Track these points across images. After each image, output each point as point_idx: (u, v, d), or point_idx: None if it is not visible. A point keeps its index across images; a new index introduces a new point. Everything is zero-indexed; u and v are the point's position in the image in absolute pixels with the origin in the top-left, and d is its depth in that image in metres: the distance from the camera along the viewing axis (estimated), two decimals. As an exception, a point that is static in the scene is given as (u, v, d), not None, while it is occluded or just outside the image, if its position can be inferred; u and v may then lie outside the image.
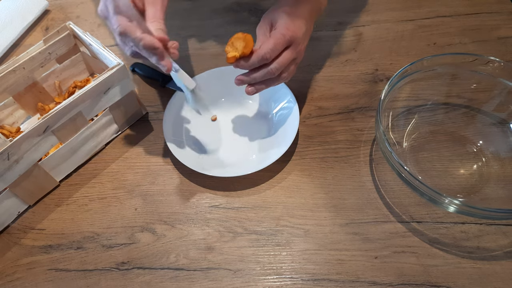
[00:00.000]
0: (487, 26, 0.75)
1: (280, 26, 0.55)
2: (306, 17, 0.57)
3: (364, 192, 0.59)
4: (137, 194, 0.62)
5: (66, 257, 0.58)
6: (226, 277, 0.54)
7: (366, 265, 0.54)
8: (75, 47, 0.69)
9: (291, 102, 0.65)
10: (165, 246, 0.57)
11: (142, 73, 0.74)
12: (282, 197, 0.60)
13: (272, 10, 0.57)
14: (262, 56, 0.53)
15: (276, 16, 0.56)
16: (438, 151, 0.61)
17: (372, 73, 0.71)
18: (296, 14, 0.56)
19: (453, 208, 0.51)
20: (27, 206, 0.62)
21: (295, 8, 0.56)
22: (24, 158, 0.56)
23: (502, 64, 0.58)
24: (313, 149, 0.64)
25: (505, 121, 0.61)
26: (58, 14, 0.87)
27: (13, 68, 0.62)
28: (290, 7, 0.56)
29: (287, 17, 0.55)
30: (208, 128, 0.68)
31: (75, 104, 0.57)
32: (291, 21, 0.55)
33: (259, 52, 0.53)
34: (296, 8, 0.56)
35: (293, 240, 0.56)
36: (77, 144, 0.62)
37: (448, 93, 0.64)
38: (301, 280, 0.53)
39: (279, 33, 0.54)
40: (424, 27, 0.76)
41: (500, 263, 0.53)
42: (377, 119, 0.55)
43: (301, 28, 0.55)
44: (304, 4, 0.57)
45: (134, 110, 0.68)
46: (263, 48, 0.53)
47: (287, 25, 0.54)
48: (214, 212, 0.60)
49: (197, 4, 0.85)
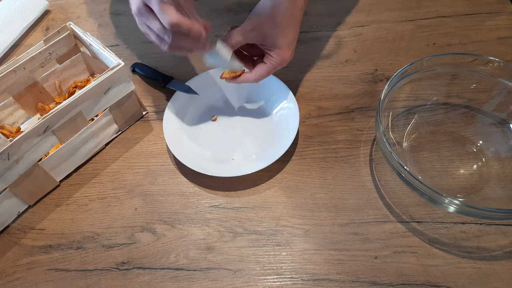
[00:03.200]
0: (487, 26, 0.75)
1: (275, 54, 0.56)
2: (299, 20, 0.57)
3: (364, 192, 0.59)
4: (137, 194, 0.62)
5: (66, 257, 0.58)
6: (226, 277, 0.54)
7: (366, 265, 0.54)
8: (76, 47, 0.69)
9: (291, 102, 0.65)
10: (165, 246, 0.57)
11: (142, 73, 0.74)
12: (282, 197, 0.60)
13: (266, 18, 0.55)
14: (252, 80, 0.58)
15: (271, 32, 0.55)
16: (438, 151, 0.61)
17: (372, 73, 0.71)
18: (291, 21, 0.55)
19: (453, 208, 0.51)
20: (27, 206, 0.62)
21: (290, 15, 0.55)
22: (24, 158, 0.56)
23: (502, 64, 0.58)
24: (313, 149, 0.64)
25: (505, 121, 0.61)
26: (59, 14, 0.87)
27: (14, 68, 0.62)
28: (286, 12, 0.55)
29: (281, 35, 0.55)
30: (208, 128, 0.68)
31: (75, 104, 0.57)
32: (285, 43, 0.56)
33: (250, 77, 0.58)
34: (292, 13, 0.55)
35: (293, 240, 0.56)
36: (77, 144, 0.62)
37: (448, 93, 0.64)
38: (301, 280, 0.53)
39: (274, 62, 0.56)
40: (423, 27, 0.76)
41: (500, 263, 0.53)
42: (377, 119, 0.55)
43: (293, 44, 0.57)
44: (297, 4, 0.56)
45: (134, 110, 0.68)
46: (257, 74, 0.57)
47: (281, 51, 0.56)
48: (214, 212, 0.60)
49: (197, 4, 0.85)
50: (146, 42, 0.80)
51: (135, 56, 0.78)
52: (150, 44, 0.79)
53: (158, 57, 0.77)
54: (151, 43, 0.81)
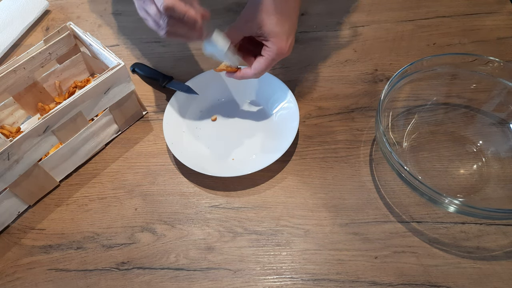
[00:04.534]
0: (487, 26, 0.75)
1: (271, 44, 0.55)
2: (295, 10, 0.57)
3: (364, 192, 0.59)
4: (137, 194, 0.62)
5: (66, 257, 0.58)
6: (226, 277, 0.54)
7: (366, 265, 0.54)
8: (76, 47, 0.69)
9: (291, 102, 0.65)
10: (165, 246, 0.57)
11: (142, 73, 0.74)
12: (282, 197, 0.60)
13: (259, 6, 0.55)
14: (252, 76, 0.58)
15: (266, 21, 0.55)
16: (438, 151, 0.61)
17: (372, 73, 0.71)
18: (285, 10, 0.55)
19: (453, 208, 0.51)
20: (27, 206, 0.62)
21: (285, 2, 0.55)
22: (24, 158, 0.56)
23: (502, 64, 0.58)
24: (313, 149, 0.64)
25: (505, 121, 0.61)
26: (59, 14, 0.87)
27: (14, 68, 0.62)
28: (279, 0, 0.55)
29: (276, 23, 0.55)
30: (208, 128, 0.68)
31: (75, 104, 0.57)
32: (281, 31, 0.55)
33: (249, 72, 0.57)
34: (286, 1, 0.55)
35: (293, 240, 0.56)
36: (77, 144, 0.62)
37: (448, 93, 0.64)
38: (301, 280, 0.54)
39: (271, 52, 0.56)
40: (423, 27, 0.76)
41: (500, 263, 0.53)
42: (377, 119, 0.55)
43: (290, 34, 0.56)
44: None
45: (134, 110, 0.68)
46: (255, 68, 0.57)
47: (277, 39, 0.55)
48: (214, 212, 0.60)
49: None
50: (146, 42, 0.80)
51: (135, 56, 0.78)
52: (150, 44, 0.79)
53: (158, 57, 0.77)
54: (151, 43, 0.81)
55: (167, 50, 0.78)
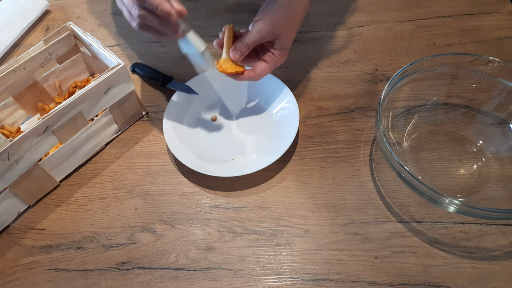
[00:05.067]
0: (487, 26, 0.75)
1: (280, 55, 0.58)
2: (301, 16, 0.58)
3: (364, 192, 0.59)
4: (137, 194, 0.62)
5: (66, 257, 0.58)
6: (226, 277, 0.54)
7: (366, 265, 0.54)
8: (76, 47, 0.69)
9: (291, 102, 0.65)
10: (165, 246, 0.57)
11: (142, 73, 0.74)
12: (282, 197, 0.60)
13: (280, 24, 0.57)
14: (253, 79, 0.59)
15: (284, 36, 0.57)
16: (438, 151, 0.61)
17: (372, 73, 0.71)
18: (297, 28, 0.58)
19: (453, 208, 0.51)
20: (27, 206, 0.62)
21: (292, 10, 0.56)
22: (24, 158, 0.56)
23: (502, 64, 0.58)
24: (313, 149, 0.64)
25: (505, 121, 0.61)
26: (59, 14, 0.87)
27: (14, 68, 0.62)
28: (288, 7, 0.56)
29: (291, 38, 0.58)
30: (208, 128, 0.68)
31: (75, 104, 0.57)
32: (290, 45, 0.58)
33: (251, 75, 0.58)
34: (292, 7, 0.56)
35: (293, 240, 0.56)
36: (77, 144, 0.62)
37: (448, 93, 0.64)
38: (301, 280, 0.54)
39: (276, 61, 0.58)
40: (423, 27, 0.76)
41: (500, 263, 0.53)
42: (377, 119, 0.55)
43: (292, 38, 0.59)
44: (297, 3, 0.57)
45: (134, 110, 0.68)
46: (259, 73, 0.58)
47: (286, 52, 0.58)
48: (214, 212, 0.60)
49: (197, 4, 0.85)
50: (146, 42, 0.80)
51: (135, 56, 0.78)
52: (150, 44, 0.79)
53: (158, 57, 0.77)
54: (151, 43, 0.81)
55: (167, 50, 0.78)
